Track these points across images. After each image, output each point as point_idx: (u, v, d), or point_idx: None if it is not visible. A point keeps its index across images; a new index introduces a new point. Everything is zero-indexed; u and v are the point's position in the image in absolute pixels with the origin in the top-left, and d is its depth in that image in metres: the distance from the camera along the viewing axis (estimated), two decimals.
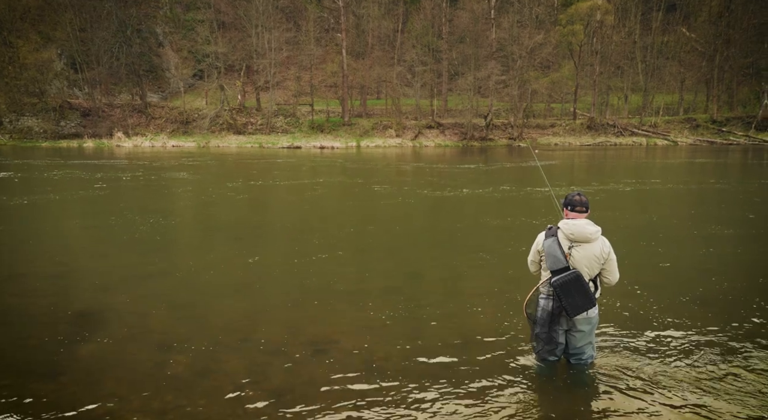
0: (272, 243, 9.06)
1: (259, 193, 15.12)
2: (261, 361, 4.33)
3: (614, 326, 4.94)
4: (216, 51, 42.45)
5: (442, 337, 4.80)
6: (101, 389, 3.90)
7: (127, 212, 11.63)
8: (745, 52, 43.39)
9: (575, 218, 3.73)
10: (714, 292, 6.05)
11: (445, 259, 7.79)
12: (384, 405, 3.66)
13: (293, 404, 3.66)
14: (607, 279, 3.76)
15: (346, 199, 14.30)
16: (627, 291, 5.87)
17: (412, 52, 44.54)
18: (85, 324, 5.19)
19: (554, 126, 42.76)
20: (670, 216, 11.26)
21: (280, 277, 6.82)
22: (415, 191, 15.18)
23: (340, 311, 5.52)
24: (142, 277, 6.77)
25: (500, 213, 11.73)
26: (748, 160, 27.25)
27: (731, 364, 4.20)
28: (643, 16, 47.62)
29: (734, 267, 7.21)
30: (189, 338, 4.83)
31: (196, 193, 14.97)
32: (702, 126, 41.61)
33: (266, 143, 39.36)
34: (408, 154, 32.36)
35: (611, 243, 3.77)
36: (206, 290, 6.32)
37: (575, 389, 3.85)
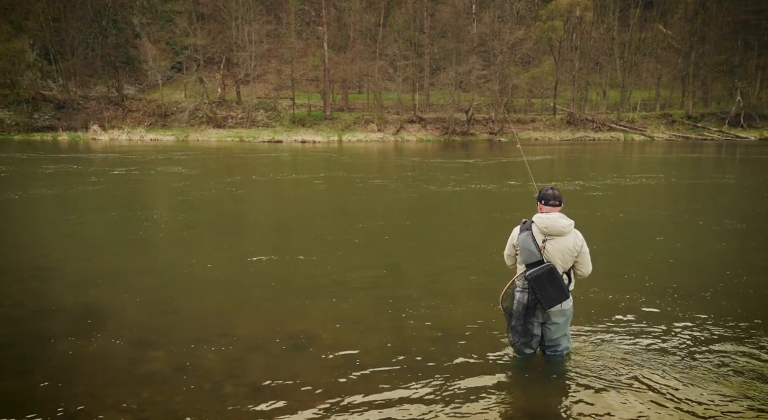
0: (255, 239, 8.99)
1: (251, 189, 14.97)
2: (240, 356, 4.31)
3: (589, 318, 5.03)
4: (195, 43, 41.79)
5: (421, 331, 4.83)
6: (75, 387, 3.84)
7: (110, 208, 11.43)
8: (719, 49, 44.31)
9: (549, 212, 3.78)
10: (690, 284, 6.20)
11: (426, 254, 7.83)
12: (363, 399, 3.68)
13: (272, 399, 3.66)
14: (581, 271, 3.83)
15: (335, 195, 14.25)
16: (601, 283, 5.98)
17: (393, 46, 44.44)
18: (58, 321, 5.10)
19: (534, 121, 43.17)
20: (655, 210, 11.49)
21: (261, 273, 6.78)
22: (421, 186, 15.20)
23: (320, 306, 5.52)
24: (120, 273, 6.66)
25: (510, 208, 11.82)
26: (722, 156, 27.91)
27: (708, 354, 4.30)
28: (622, 13, 48.31)
29: (711, 260, 7.40)
30: (166, 334, 4.78)
31: (183, 189, 14.76)
32: (678, 121, 42.43)
33: (247, 137, 38.96)
34: (391, 149, 32.36)
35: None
36: (185, 286, 6.25)
37: (551, 381, 3.92)
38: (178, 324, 5.07)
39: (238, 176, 17.47)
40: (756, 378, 3.88)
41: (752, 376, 3.92)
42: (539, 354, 4.12)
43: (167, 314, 5.33)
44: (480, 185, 15.27)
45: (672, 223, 9.96)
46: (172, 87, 46.03)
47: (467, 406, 3.59)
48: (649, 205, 11.98)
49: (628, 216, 10.56)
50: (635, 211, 11.09)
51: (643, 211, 11.21)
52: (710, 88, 45.87)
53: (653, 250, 7.96)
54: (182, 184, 15.47)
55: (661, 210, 11.43)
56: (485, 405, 3.60)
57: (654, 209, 11.48)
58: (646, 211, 11.23)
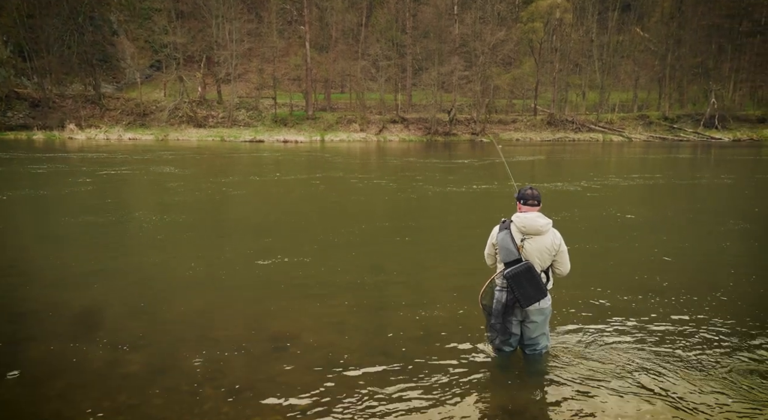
0: (237, 240, 8.90)
1: (234, 189, 14.81)
2: (219, 358, 4.26)
3: (568, 317, 5.10)
4: (174, 41, 41.16)
5: (403, 330, 4.84)
6: (49, 391, 3.75)
7: (88, 209, 11.20)
8: (694, 52, 45.30)
9: (528, 212, 3.82)
10: (665, 282, 6.32)
11: (409, 254, 7.84)
12: (345, 399, 3.67)
13: (252, 401, 3.62)
14: (559, 270, 3.88)
15: (318, 195, 14.17)
16: (579, 283, 6.06)
17: (376, 46, 44.42)
18: (32, 323, 4.98)
19: (516, 122, 43.59)
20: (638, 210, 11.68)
21: (242, 274, 6.72)
22: (406, 186, 15.20)
23: (302, 307, 5.49)
24: (97, 275, 6.53)
25: (493, 208, 11.88)
26: (698, 156, 28.54)
27: (687, 351, 4.38)
28: (600, 16, 49.08)
29: (688, 258, 7.55)
30: (144, 336, 4.70)
31: (165, 189, 14.54)
32: (655, 123, 43.26)
33: (228, 137, 38.56)
34: (373, 149, 32.35)
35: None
36: (165, 287, 6.16)
37: (530, 379, 3.96)
38: (156, 326, 4.99)
39: (221, 177, 17.28)
40: (741, 374, 3.95)
41: (736, 373, 3.98)
42: (519, 353, 4.16)
43: (145, 316, 5.25)
44: (465, 186, 15.36)
45: (652, 223, 10.15)
46: (151, 85, 45.32)
47: (448, 404, 3.61)
48: (635, 205, 12.19)
49: (612, 216, 10.72)
50: (620, 212, 11.26)
51: (628, 210, 11.40)
52: (686, 90, 46.88)
53: (633, 248, 8.10)
54: (164, 184, 15.25)
55: (646, 210, 11.64)
56: (466, 403, 3.62)
57: (639, 208, 11.69)
58: (632, 210, 11.42)
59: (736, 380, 3.88)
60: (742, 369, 4.06)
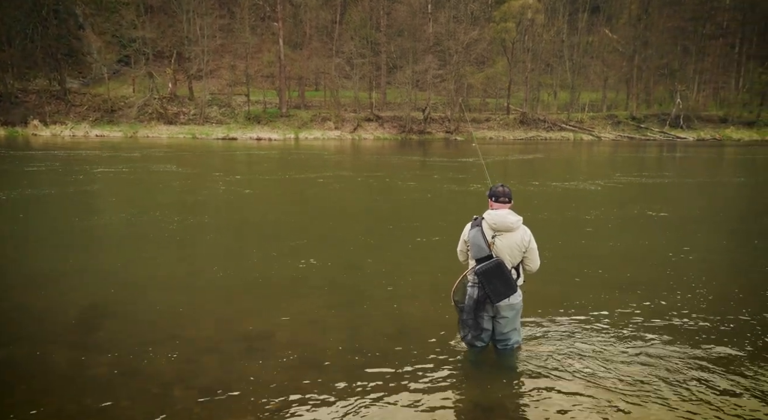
0: (209, 238, 8.75)
1: (206, 187, 14.55)
2: (190, 358, 4.20)
3: (540, 312, 5.18)
4: (143, 36, 40.17)
5: (378, 328, 4.85)
6: (11, 396, 3.63)
7: (51, 207, 10.85)
8: (660, 53, 46.54)
9: (499, 209, 3.87)
10: (636, 277, 6.50)
11: (385, 252, 7.85)
12: (319, 398, 3.66)
13: (225, 402, 3.58)
14: (529, 266, 3.94)
15: (292, 193, 14.05)
16: (549, 278, 6.17)
17: (350, 44, 44.23)
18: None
19: (489, 120, 44.05)
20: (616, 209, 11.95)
21: (214, 273, 6.61)
22: (381, 184, 15.16)
23: (276, 305, 5.44)
24: (63, 275, 6.34)
25: (469, 206, 11.94)
26: (664, 154, 29.38)
27: (659, 344, 4.49)
28: (570, 17, 49.99)
29: (657, 254, 7.77)
30: (112, 337, 4.59)
31: (134, 188, 14.18)
32: (623, 122, 44.32)
33: (200, 134, 37.89)
34: (348, 147, 32.26)
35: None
36: (134, 287, 6.02)
37: (502, 374, 4.02)
38: (125, 327, 4.87)
39: (195, 174, 16.98)
40: (708, 373, 4.00)
41: (703, 372, 4.04)
42: (491, 348, 4.21)
43: (113, 317, 5.12)
44: (441, 184, 15.46)
45: (620, 221, 10.41)
46: (119, 81, 44.12)
47: (422, 400, 3.63)
48: (600, 205, 12.47)
49: (579, 214, 10.95)
50: (586, 211, 11.51)
51: (592, 210, 11.66)
52: (652, 91, 48.15)
53: (602, 246, 8.29)
54: (133, 182, 14.89)
55: (611, 209, 11.93)
56: (439, 399, 3.66)
57: (603, 209, 11.97)
58: (595, 210, 11.69)
59: (706, 374, 3.97)
60: (714, 361, 4.20)
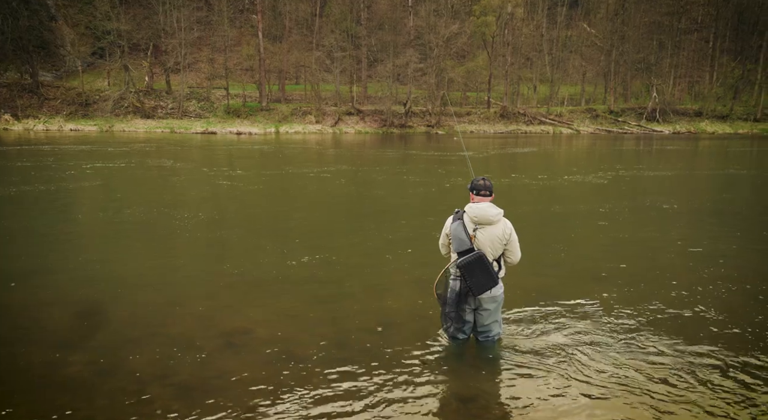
0: (187, 235, 8.62)
1: (186, 182, 14.31)
2: (168, 356, 4.13)
3: (521, 304, 5.22)
4: (118, 28, 39.25)
5: (359, 322, 4.84)
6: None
7: (26, 204, 10.56)
8: (637, 48, 47.21)
9: (480, 202, 3.89)
10: (613, 270, 6.60)
11: (366, 246, 7.84)
12: (299, 393, 3.63)
13: (203, 400, 3.53)
14: (510, 259, 3.97)
15: (272, 187, 13.92)
16: (534, 270, 6.23)
17: (330, 37, 43.87)
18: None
19: (470, 114, 44.23)
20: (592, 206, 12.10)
21: (193, 269, 6.53)
22: (363, 178, 15.08)
23: (256, 301, 5.39)
24: (38, 273, 6.18)
25: (451, 199, 11.95)
26: (641, 148, 29.87)
27: (638, 336, 4.56)
28: (549, 11, 50.39)
29: (635, 247, 7.91)
30: (88, 336, 4.50)
31: (111, 182, 13.88)
32: (601, 116, 44.91)
33: (178, 128, 37.28)
34: (330, 141, 32.08)
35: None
36: (111, 285, 5.90)
37: (483, 366, 4.05)
38: (102, 325, 4.78)
39: (176, 169, 16.70)
40: (683, 362, 4.08)
41: (679, 360, 4.12)
42: (472, 340, 4.24)
43: (90, 315, 5.02)
44: (422, 177, 15.48)
45: (596, 214, 10.57)
46: (94, 74, 43.11)
47: (403, 393, 3.64)
48: (579, 199, 12.63)
49: (564, 208, 11.08)
50: (568, 204, 11.65)
51: (570, 205, 11.80)
52: (629, 85, 48.85)
53: (586, 237, 8.41)
54: (109, 178, 14.58)
55: (589, 204, 12.09)
56: (421, 392, 3.66)
57: (582, 203, 12.12)
58: (573, 205, 11.83)
59: (684, 366, 4.03)
60: (687, 355, 4.29)
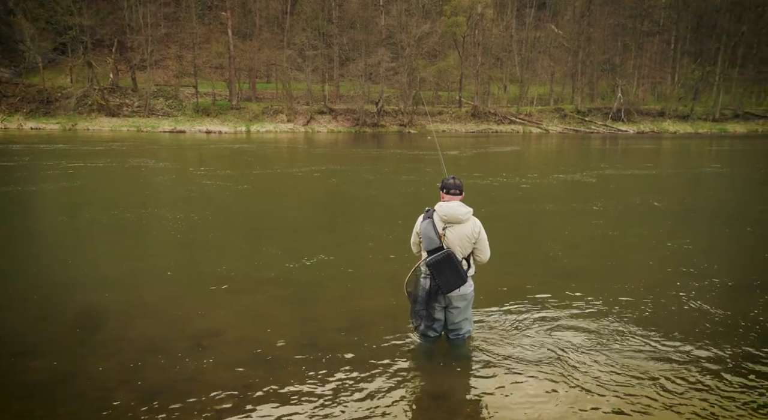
0: (153, 234, 8.42)
1: (152, 182, 13.95)
2: (134, 360, 4.03)
3: (493, 301, 5.28)
4: (81, 23, 38.04)
5: (331, 322, 4.82)
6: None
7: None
8: (603, 49, 48.44)
9: (450, 200, 3.92)
10: (578, 266, 6.75)
11: (338, 244, 7.81)
12: (270, 394, 3.59)
13: (170, 404, 3.45)
14: (479, 257, 4.00)
15: (242, 186, 13.71)
16: (505, 268, 6.31)
17: (302, 35, 43.55)
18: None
19: (442, 113, 44.58)
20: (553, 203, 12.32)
21: (160, 270, 6.38)
22: (335, 177, 14.98)
23: (225, 302, 5.31)
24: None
25: (423, 198, 11.98)
26: (607, 147, 30.66)
27: (606, 332, 4.64)
28: (518, 12, 51.22)
29: (599, 243, 8.10)
30: (49, 341, 4.35)
31: (73, 183, 13.43)
32: (569, 116, 45.90)
33: (145, 127, 36.40)
34: (301, 140, 31.84)
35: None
36: (73, 287, 5.72)
37: (454, 363, 4.08)
38: (63, 329, 4.62)
39: (142, 168, 16.28)
40: (656, 358, 4.14)
41: (651, 355, 4.20)
42: (443, 338, 4.26)
43: (51, 319, 4.85)
44: (396, 176, 15.51)
45: (564, 213, 10.79)
46: (56, 71, 41.66)
47: (375, 392, 3.64)
48: (551, 199, 12.87)
49: (532, 207, 11.27)
50: (538, 204, 11.85)
51: (541, 204, 12.01)
52: (596, 85, 50.06)
53: (552, 237, 8.57)
54: (72, 178, 14.12)
55: (558, 203, 12.34)
56: (392, 390, 3.67)
57: (554, 202, 12.36)
58: (545, 204, 12.05)
59: (654, 360, 4.11)
60: (659, 350, 4.41)
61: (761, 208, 11.00)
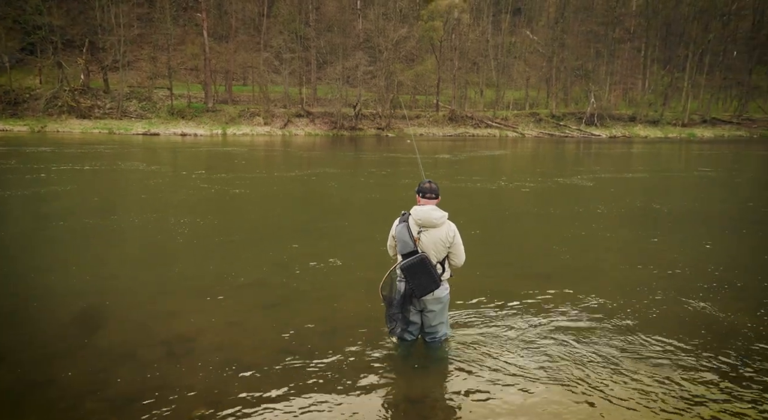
0: (123, 238, 8.24)
1: (122, 184, 13.64)
2: (105, 367, 3.93)
3: (469, 304, 5.31)
4: (50, 23, 37.10)
5: (308, 327, 4.78)
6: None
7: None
8: (576, 55, 49.44)
9: (425, 204, 3.92)
10: (554, 267, 6.85)
11: (315, 249, 7.76)
12: (244, 401, 3.55)
13: (141, 412, 3.38)
14: (454, 261, 4.01)
15: (216, 189, 13.53)
16: (481, 271, 6.37)
17: (279, 38, 43.27)
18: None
19: (419, 117, 44.81)
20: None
21: (131, 274, 6.24)
22: (312, 180, 14.85)
23: (200, 308, 5.22)
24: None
25: (400, 202, 11.96)
26: (580, 151, 31.25)
27: (580, 333, 4.71)
28: (494, 17, 51.90)
29: (574, 243, 8.24)
30: (13, 349, 4.22)
31: (38, 187, 13.04)
32: (544, 120, 46.67)
33: (117, 129, 35.64)
34: (279, 143, 31.60)
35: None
36: (39, 293, 5.55)
37: (431, 367, 4.09)
38: (29, 337, 4.48)
39: (112, 170, 15.91)
40: (637, 359, 4.21)
41: (631, 355, 4.26)
42: (420, 341, 4.27)
43: (16, 326, 4.70)
44: (372, 180, 15.51)
45: (535, 215, 10.95)
46: (24, 71, 40.52)
47: (352, 396, 3.63)
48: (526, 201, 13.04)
49: (508, 209, 11.39)
50: (512, 205, 11.99)
51: (517, 206, 12.16)
52: (570, 90, 51.04)
53: (526, 239, 8.68)
54: (37, 182, 13.72)
55: (531, 207, 12.52)
56: (369, 394, 3.66)
57: (528, 205, 12.53)
58: (521, 206, 12.20)
59: (622, 361, 4.20)
60: (631, 349, 4.50)
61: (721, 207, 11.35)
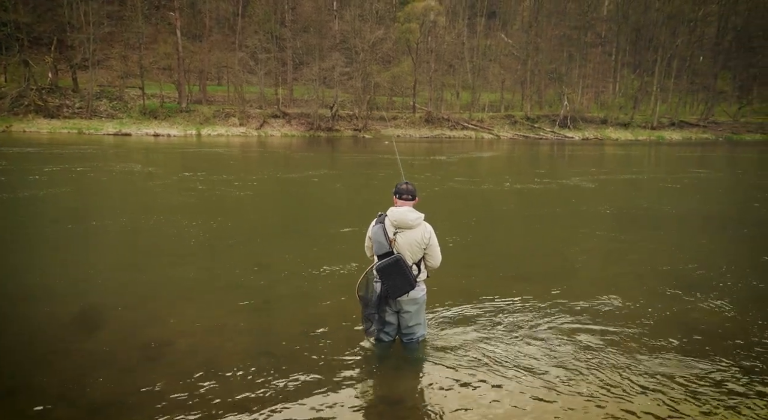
0: (101, 240, 8.06)
1: (98, 185, 13.32)
2: (78, 373, 3.86)
3: (447, 305, 5.37)
4: (16, 20, 35.97)
5: (286, 329, 4.78)
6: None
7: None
8: (550, 58, 50.35)
9: (402, 206, 3.97)
10: (533, 268, 6.98)
11: (296, 251, 7.74)
12: (224, 404, 3.54)
13: (119, 417, 3.35)
14: (430, 263, 4.05)
15: (198, 192, 13.33)
16: (459, 271, 6.44)
17: (254, 37, 42.83)
18: None
19: (396, 118, 44.93)
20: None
21: (108, 278, 6.12)
22: (292, 182, 14.73)
23: (178, 311, 5.17)
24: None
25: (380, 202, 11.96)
26: (555, 152, 31.82)
27: (558, 333, 4.80)
28: (470, 20, 52.45)
29: (552, 245, 8.40)
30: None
31: (11, 188, 12.64)
32: (519, 122, 47.34)
33: (87, 129, 34.75)
34: (255, 144, 31.29)
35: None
36: (11, 296, 5.40)
37: (408, 367, 4.14)
38: (1, 342, 4.37)
39: (88, 171, 15.52)
40: (609, 353, 4.34)
41: (603, 352, 4.38)
42: (398, 342, 4.31)
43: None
44: (351, 181, 15.50)
45: (520, 217, 11.13)
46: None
47: (328, 398, 3.65)
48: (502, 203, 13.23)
49: (489, 212, 11.54)
50: (492, 208, 12.15)
51: (497, 207, 12.33)
52: (543, 93, 51.90)
53: (505, 240, 8.81)
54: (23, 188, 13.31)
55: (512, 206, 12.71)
56: (346, 396, 3.69)
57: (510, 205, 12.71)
58: (501, 207, 12.38)
59: (602, 359, 4.29)
60: (619, 344, 4.63)
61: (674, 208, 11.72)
